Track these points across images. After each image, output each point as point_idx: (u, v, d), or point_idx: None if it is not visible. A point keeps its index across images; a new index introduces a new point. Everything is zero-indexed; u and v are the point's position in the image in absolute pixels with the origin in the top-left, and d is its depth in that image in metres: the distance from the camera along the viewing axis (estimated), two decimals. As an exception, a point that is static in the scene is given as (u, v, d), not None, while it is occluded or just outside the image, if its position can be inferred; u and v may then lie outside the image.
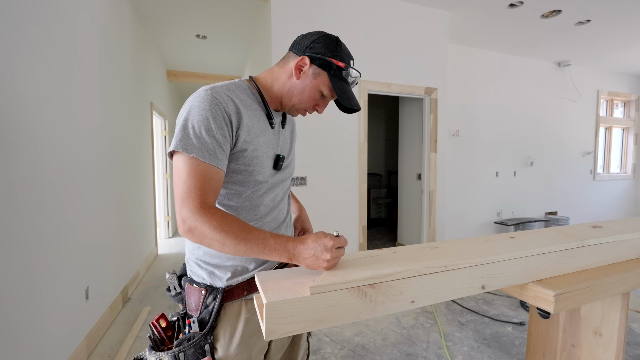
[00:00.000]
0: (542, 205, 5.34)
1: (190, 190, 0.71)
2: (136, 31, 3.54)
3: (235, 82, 0.87)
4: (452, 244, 0.94)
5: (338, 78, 0.86)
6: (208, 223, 0.69)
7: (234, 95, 0.80)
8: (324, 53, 0.84)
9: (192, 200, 0.71)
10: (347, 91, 0.87)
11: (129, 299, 2.98)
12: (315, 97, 0.88)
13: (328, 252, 0.70)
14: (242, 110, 0.80)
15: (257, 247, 0.71)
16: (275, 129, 0.90)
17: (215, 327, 0.81)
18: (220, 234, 0.69)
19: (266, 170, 0.86)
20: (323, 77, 0.85)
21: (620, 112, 6.35)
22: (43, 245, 1.63)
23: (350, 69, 0.87)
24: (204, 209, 0.71)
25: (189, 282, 0.86)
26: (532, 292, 0.89)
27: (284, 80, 0.87)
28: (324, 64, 0.84)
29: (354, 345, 2.20)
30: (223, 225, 0.70)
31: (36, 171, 1.59)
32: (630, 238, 1.06)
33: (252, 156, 0.82)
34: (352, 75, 0.89)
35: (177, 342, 0.79)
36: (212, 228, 0.69)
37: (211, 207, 0.72)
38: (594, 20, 3.78)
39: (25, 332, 1.47)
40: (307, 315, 0.65)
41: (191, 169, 0.72)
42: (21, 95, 1.49)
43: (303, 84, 0.86)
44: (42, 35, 1.66)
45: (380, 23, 3.37)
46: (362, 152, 3.39)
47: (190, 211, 0.70)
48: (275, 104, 0.90)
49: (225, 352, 0.81)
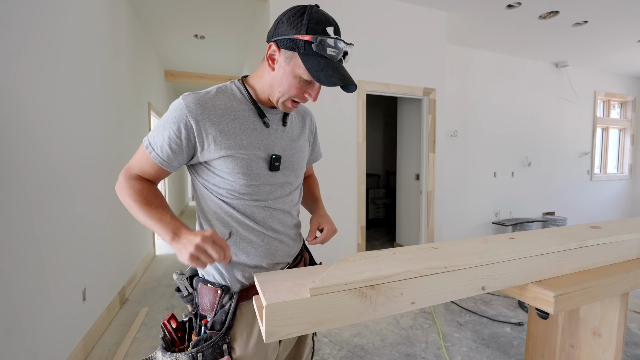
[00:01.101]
0: (540, 206, 5.36)
1: (133, 164, 0.85)
2: (134, 31, 3.53)
3: (224, 85, 0.86)
4: (451, 244, 0.94)
5: (311, 55, 0.74)
6: (130, 185, 0.81)
7: (211, 101, 0.80)
8: (289, 31, 0.74)
9: (131, 169, 0.85)
10: (326, 68, 0.74)
11: (126, 300, 2.96)
12: (295, 84, 0.79)
13: (191, 245, 0.70)
14: (220, 115, 0.80)
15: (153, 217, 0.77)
16: (271, 127, 0.87)
17: (232, 326, 0.81)
18: (134, 196, 0.79)
19: (259, 171, 0.84)
20: (295, 59, 0.76)
21: (617, 113, 6.38)
22: (39, 247, 1.62)
23: (323, 40, 0.72)
24: (131, 174, 0.84)
25: (202, 282, 0.85)
26: (531, 293, 0.89)
27: (265, 75, 0.83)
28: (290, 44, 0.74)
29: (353, 346, 2.20)
30: (141, 191, 0.80)
31: (32, 171, 1.58)
32: (629, 239, 1.06)
33: (240, 159, 0.81)
34: (333, 46, 0.74)
35: (194, 342, 0.79)
36: (131, 189, 0.81)
37: (138, 176, 0.84)
38: (591, 21, 3.80)
39: (21, 334, 1.45)
40: (307, 317, 0.64)
41: (142, 155, 0.83)
42: (17, 95, 1.48)
43: (279, 73, 0.79)
44: (37, 35, 1.65)
45: (378, 24, 3.37)
46: (360, 153, 3.39)
47: (124, 174, 0.84)
48: (269, 102, 0.88)
49: (244, 352, 0.81)
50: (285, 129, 0.92)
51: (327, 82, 0.74)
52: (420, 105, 3.85)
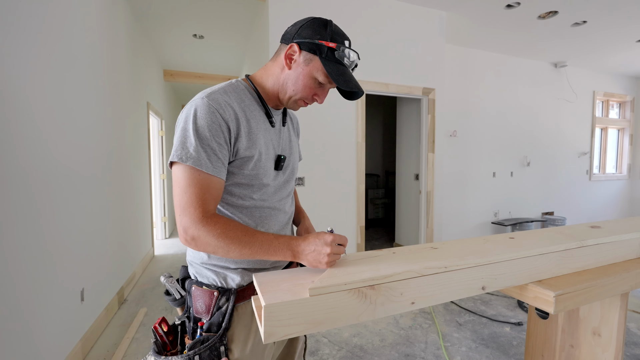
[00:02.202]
0: (539, 206, 5.36)
1: (190, 200, 0.72)
2: (132, 30, 3.52)
3: (232, 83, 0.85)
4: (451, 244, 0.94)
5: (332, 61, 0.80)
6: (211, 232, 0.71)
7: (232, 99, 0.79)
8: (313, 37, 0.80)
9: (193, 210, 0.72)
10: (344, 73, 0.81)
11: (125, 301, 2.95)
12: (310, 85, 0.83)
13: (328, 246, 0.73)
14: (241, 114, 0.79)
15: (261, 249, 0.74)
16: (275, 127, 0.89)
17: (229, 328, 0.81)
18: (224, 241, 0.72)
19: (269, 171, 0.85)
20: (315, 62, 0.80)
21: (616, 113, 6.39)
22: (37, 246, 1.61)
23: (344, 49, 0.81)
24: (206, 218, 0.72)
25: (196, 284, 0.83)
26: (532, 292, 0.89)
27: (277, 73, 0.85)
28: (314, 48, 0.80)
29: (352, 346, 2.19)
30: (226, 232, 0.72)
31: (31, 171, 1.57)
32: (629, 238, 1.06)
33: (257, 160, 0.81)
34: (348, 57, 0.82)
35: (190, 345, 0.78)
36: (216, 236, 0.71)
37: (213, 215, 0.73)
38: (590, 21, 3.80)
39: (19, 335, 1.44)
40: (306, 317, 0.64)
41: (190, 178, 0.72)
42: (16, 95, 1.47)
43: (296, 73, 0.82)
44: (36, 34, 1.64)
45: (377, 23, 3.37)
46: (359, 153, 3.39)
47: (192, 220, 0.71)
48: (274, 101, 0.88)
49: (241, 353, 0.80)
50: (285, 130, 0.94)
51: (346, 86, 0.79)
52: (420, 105, 3.84)
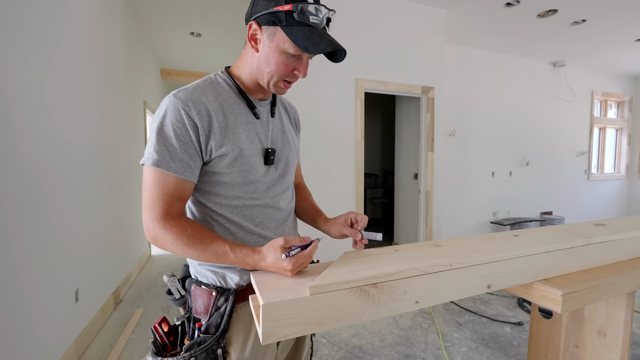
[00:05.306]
0: (538, 205, 5.36)
1: (152, 200, 0.72)
2: (129, 29, 3.48)
3: (209, 77, 0.82)
4: (455, 242, 0.91)
5: (294, 25, 0.71)
6: (168, 233, 0.71)
7: (205, 95, 0.76)
8: (267, 6, 0.71)
9: (154, 210, 0.71)
10: (312, 35, 0.71)
11: (121, 301, 2.91)
12: (283, 61, 0.75)
13: (280, 268, 0.69)
14: (217, 109, 0.76)
15: (217, 259, 0.72)
16: (262, 119, 0.84)
17: (228, 330, 0.77)
18: (180, 245, 0.71)
19: (257, 167, 0.80)
20: (279, 34, 0.72)
21: (614, 113, 6.40)
22: (31, 245, 1.58)
23: (304, 7, 0.70)
24: (166, 219, 0.71)
25: (196, 283, 0.81)
26: (538, 291, 0.86)
27: (249, 59, 0.80)
28: (271, 18, 0.71)
29: (352, 346, 2.17)
30: (182, 236, 0.71)
31: (26, 169, 1.53)
32: (636, 236, 1.04)
33: (237, 156, 0.77)
34: (315, 13, 0.71)
35: (186, 347, 0.74)
36: (172, 239, 0.71)
37: (173, 217, 0.72)
38: (589, 20, 3.79)
39: (11, 335, 1.41)
40: (306, 317, 0.61)
41: (152, 178, 0.72)
42: (11, 93, 1.43)
43: (264, 52, 0.75)
44: (31, 33, 1.61)
45: (376, 21, 3.35)
46: (358, 152, 3.36)
47: (152, 220, 0.71)
48: (257, 90, 0.84)
49: (240, 357, 0.77)
50: (274, 121, 0.89)
51: (315, 50, 0.71)
52: (419, 104, 3.82)
